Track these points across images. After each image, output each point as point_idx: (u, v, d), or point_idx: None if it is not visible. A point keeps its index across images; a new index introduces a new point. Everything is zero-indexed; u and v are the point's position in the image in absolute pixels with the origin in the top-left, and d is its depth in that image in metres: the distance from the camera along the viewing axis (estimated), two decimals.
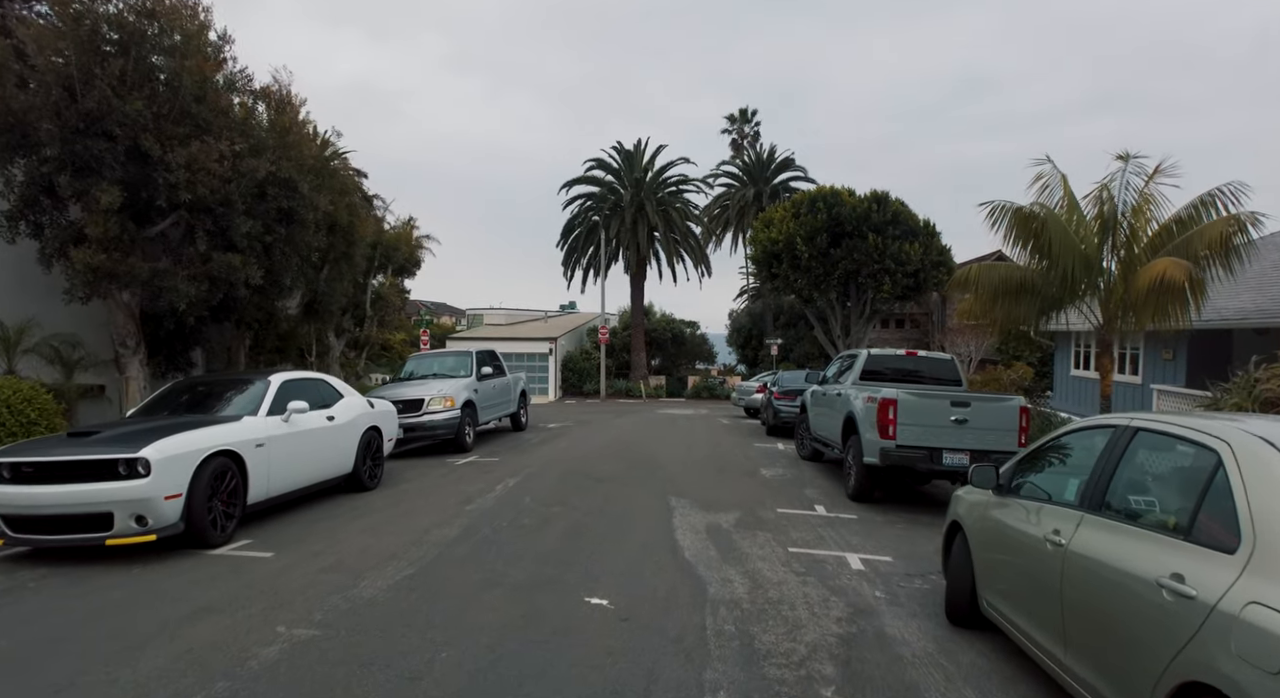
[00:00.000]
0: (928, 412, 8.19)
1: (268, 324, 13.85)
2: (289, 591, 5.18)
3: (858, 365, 9.91)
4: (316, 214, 12.58)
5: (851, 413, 9.07)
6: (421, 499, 8.63)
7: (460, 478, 10.09)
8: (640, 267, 34.20)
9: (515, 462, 11.51)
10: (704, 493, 9.01)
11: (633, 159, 33.86)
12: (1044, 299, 9.77)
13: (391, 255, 19.46)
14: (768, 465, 11.50)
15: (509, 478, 9.88)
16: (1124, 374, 14.61)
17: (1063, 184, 9.51)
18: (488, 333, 37.06)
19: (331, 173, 13.84)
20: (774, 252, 30.38)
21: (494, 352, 15.43)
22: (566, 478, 9.89)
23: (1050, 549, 3.62)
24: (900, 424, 8.16)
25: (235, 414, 7.44)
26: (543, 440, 14.44)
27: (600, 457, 12.15)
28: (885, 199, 30.47)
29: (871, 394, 8.56)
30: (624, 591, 5.19)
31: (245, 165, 10.84)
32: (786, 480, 10.15)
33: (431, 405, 12.40)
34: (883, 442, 8.22)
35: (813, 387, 11.97)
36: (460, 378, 13.50)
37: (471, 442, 12.99)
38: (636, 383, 34.00)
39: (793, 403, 15.04)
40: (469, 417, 12.96)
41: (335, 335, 20.14)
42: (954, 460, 8.20)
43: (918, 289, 31.62)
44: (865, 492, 8.80)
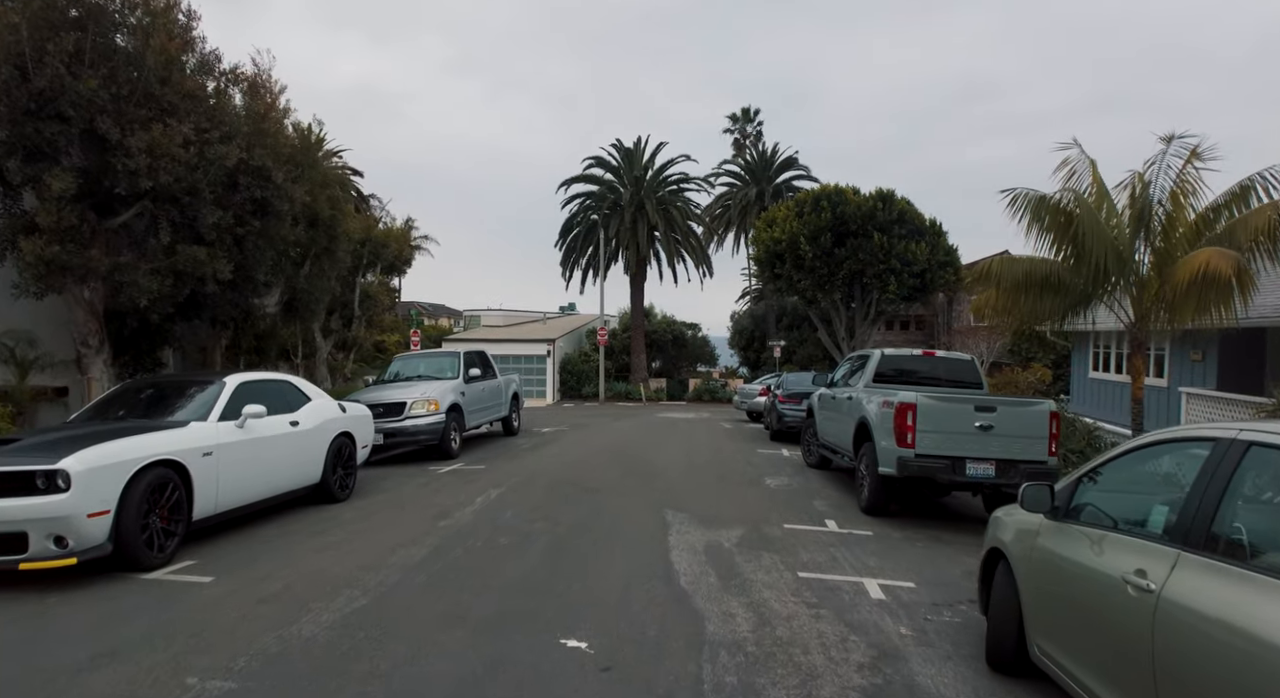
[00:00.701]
0: (950, 417, 7.44)
1: (244, 323, 13.13)
2: (217, 627, 4.43)
3: (870, 367, 9.15)
4: (293, 206, 11.86)
5: (865, 419, 8.32)
6: (394, 513, 7.88)
7: (440, 488, 9.34)
8: (640, 267, 33.47)
9: (502, 470, 10.76)
10: (704, 506, 8.25)
11: (632, 157, 33.15)
12: (1071, 294, 9.01)
13: (381, 253, 18.75)
14: (772, 474, 10.74)
15: (492, 489, 9.13)
16: (1148, 377, 13.83)
17: (1091, 170, 8.76)
18: (484, 334, 36.33)
19: (312, 163, 13.12)
20: (777, 251, 29.66)
21: (484, 353, 14.69)
22: (554, 488, 9.14)
23: (1134, 595, 2.86)
24: (920, 431, 7.40)
25: (182, 420, 6.70)
26: (534, 446, 13.69)
27: (593, 464, 11.40)
28: (890, 198, 29.75)
29: (887, 398, 7.81)
30: (607, 629, 4.43)
31: (214, 152, 10.11)
32: (793, 491, 9.39)
33: (414, 409, 11.66)
34: (900, 450, 7.46)
35: (820, 390, 11.22)
36: (446, 380, 12.75)
37: (458, 448, 12.24)
38: (636, 386, 33.24)
39: (798, 407, 14.28)
40: (455, 421, 12.22)
41: (322, 336, 19.43)
42: (978, 471, 7.44)
43: (924, 290, 30.90)
44: (880, 505, 8.04)
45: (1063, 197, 8.58)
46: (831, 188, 30.21)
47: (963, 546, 7.04)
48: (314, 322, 18.86)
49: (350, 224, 19.03)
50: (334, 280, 18.99)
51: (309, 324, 15.61)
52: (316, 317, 15.44)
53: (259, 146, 10.98)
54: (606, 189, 33.58)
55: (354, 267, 19.28)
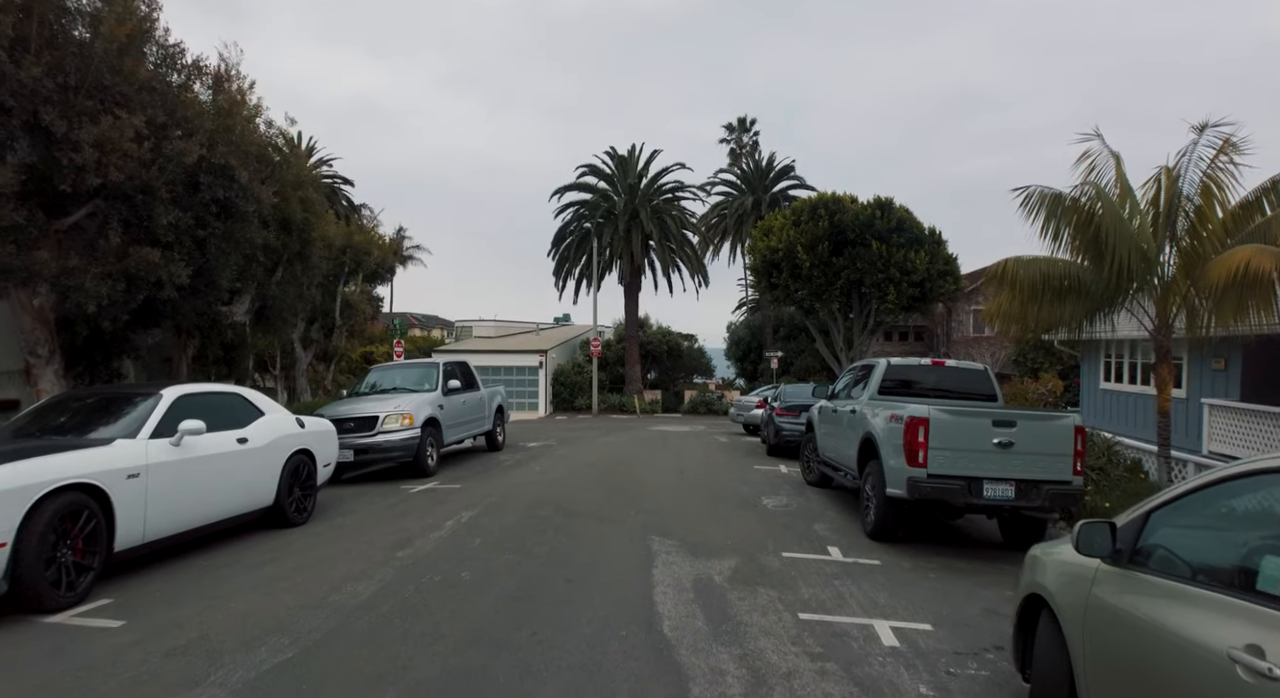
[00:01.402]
0: (965, 433, 6.73)
1: (211, 331, 12.40)
2: (100, 691, 3.69)
3: (875, 377, 8.44)
4: (261, 208, 11.18)
5: (870, 434, 7.60)
6: (351, 540, 7.13)
7: (408, 510, 8.59)
8: (634, 276, 32.81)
9: (479, 489, 10.01)
10: (694, 531, 7.51)
11: (626, 165, 32.59)
12: (1091, 298, 8.33)
13: (363, 260, 18.05)
14: (770, 493, 10.00)
15: (464, 511, 8.38)
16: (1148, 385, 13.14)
17: (1115, 165, 8.12)
18: (476, 345, 35.60)
19: (284, 164, 12.45)
20: (774, 261, 29.03)
21: (465, 364, 13.96)
22: (532, 511, 8.39)
23: (1247, 680, 2.15)
24: (932, 449, 6.68)
25: (106, 437, 5.96)
26: (517, 463, 12.94)
27: (578, 483, 10.65)
28: (889, 205, 29.18)
29: (896, 412, 7.10)
30: (573, 693, 3.69)
31: (171, 148, 9.45)
32: (792, 513, 8.65)
33: (387, 424, 10.92)
34: (911, 470, 6.74)
35: (820, 402, 10.51)
36: (423, 392, 12.01)
37: (434, 465, 11.48)
38: (630, 397, 32.49)
39: (797, 420, 13.56)
40: (431, 436, 11.47)
41: (302, 346, 18.69)
42: (997, 492, 6.72)
43: (924, 299, 30.26)
44: (887, 530, 7.31)
45: (1083, 192, 7.92)
46: (829, 196, 29.62)
47: (979, 576, 6.32)
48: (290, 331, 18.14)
49: (329, 230, 18.35)
50: (313, 288, 18.30)
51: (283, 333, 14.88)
52: (289, 325, 14.72)
53: (222, 144, 10.32)
54: (600, 197, 32.99)
55: (335, 274, 18.58)
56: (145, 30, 9.78)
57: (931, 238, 29.46)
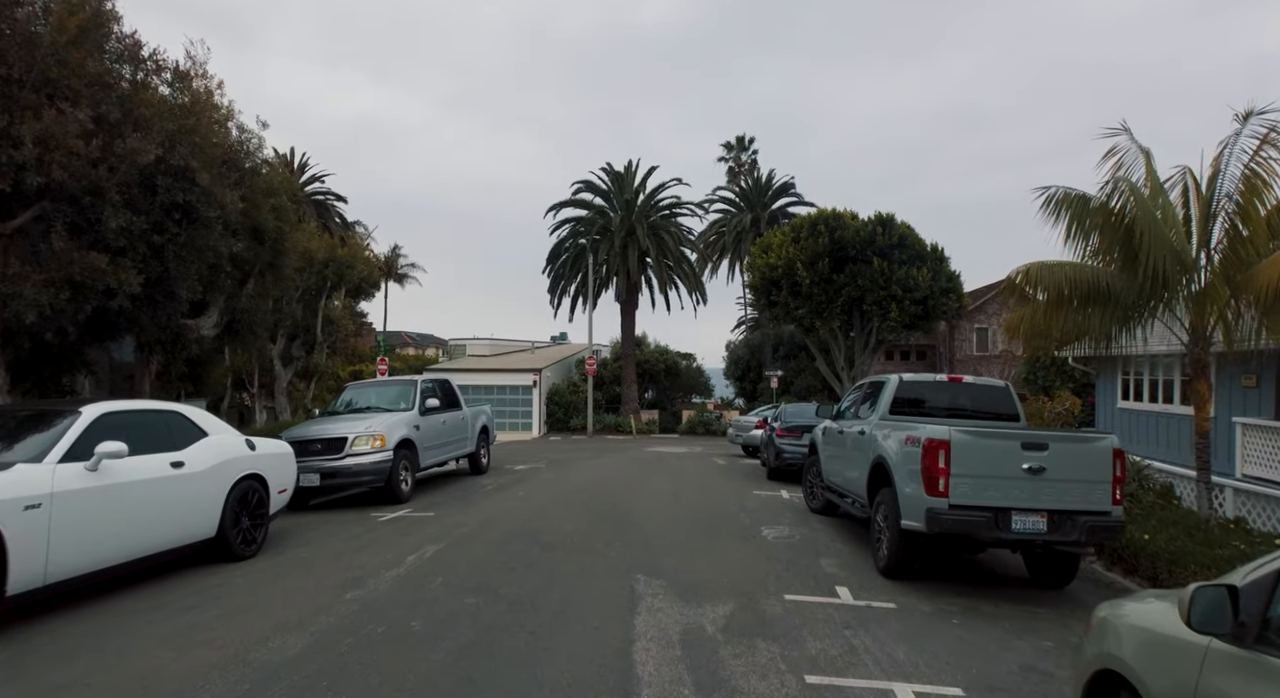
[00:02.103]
0: (991, 457, 5.95)
1: (174, 347, 11.64)
2: None
3: (885, 395, 7.66)
4: (226, 214, 10.47)
5: (882, 459, 6.81)
6: (298, 577, 6.32)
7: (371, 542, 7.77)
8: (631, 294, 32.14)
9: (453, 518, 9.19)
10: (686, 567, 6.69)
11: (623, 180, 32.08)
12: (1120, 307, 7.60)
13: (346, 275, 17.36)
14: (770, 521, 9.18)
15: (431, 544, 7.56)
16: (1186, 405, 12.36)
17: (1144, 162, 7.42)
18: (469, 364, 34.84)
19: (255, 169, 11.78)
20: (773, 278, 28.40)
21: (447, 381, 13.18)
22: (507, 543, 7.57)
23: None
24: (954, 475, 5.90)
25: (6, 461, 5.18)
26: (500, 487, 12.10)
27: (562, 510, 9.82)
28: (891, 222, 28.62)
29: (911, 434, 6.32)
30: None
31: (124, 147, 8.76)
32: (795, 545, 7.83)
33: (356, 446, 10.12)
34: (930, 500, 5.94)
35: (825, 422, 9.73)
36: (398, 412, 11.22)
37: (408, 490, 10.66)
38: (626, 418, 31.65)
39: (799, 442, 12.75)
40: (406, 459, 10.66)
41: (282, 363, 17.92)
42: (1027, 525, 5.93)
43: (926, 317, 29.59)
44: (902, 566, 6.50)
45: (1113, 190, 7.21)
46: (829, 212, 29.08)
47: (1010, 622, 5.51)
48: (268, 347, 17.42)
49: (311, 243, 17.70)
50: (294, 303, 17.62)
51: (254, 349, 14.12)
52: (261, 340, 13.97)
53: (183, 145, 9.64)
54: (596, 214, 32.44)
55: (317, 289, 17.88)
56: (99, 23, 9.15)
57: (934, 255, 28.88)
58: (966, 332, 40.00)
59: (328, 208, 38.35)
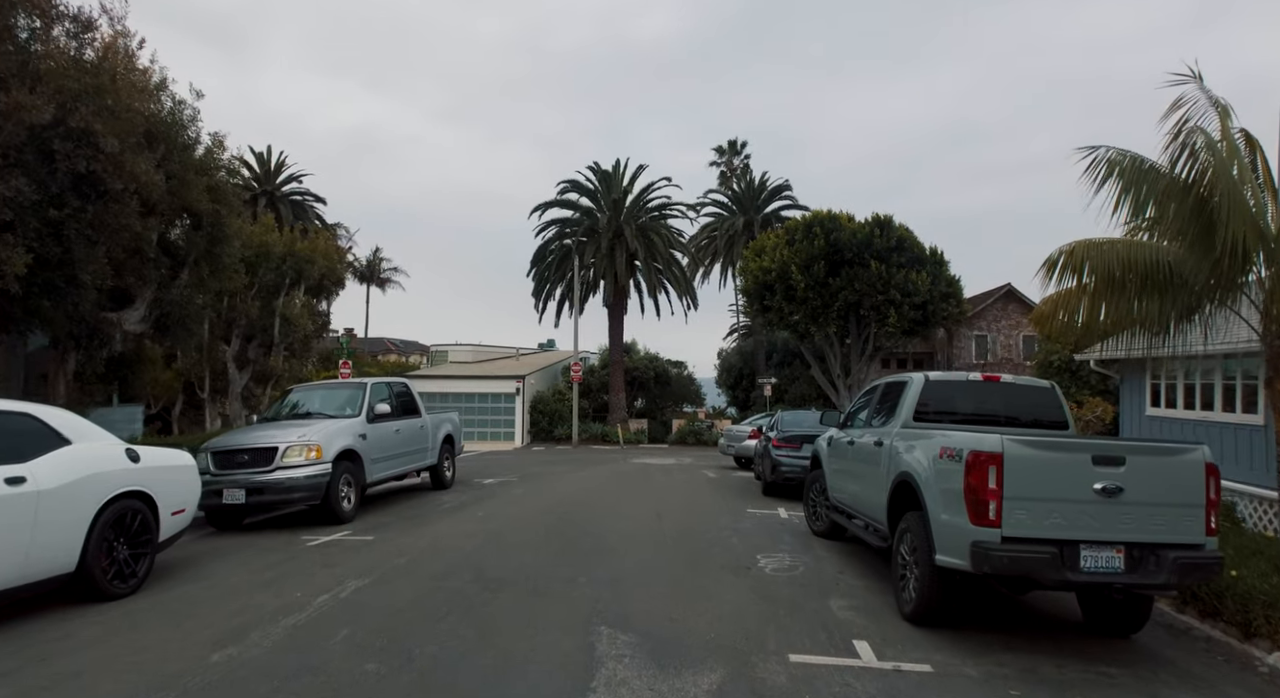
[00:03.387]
0: (1056, 475, 4.64)
1: (91, 342, 10.23)
2: None
3: (908, 398, 6.34)
4: (143, 189, 9.12)
5: (908, 476, 5.50)
6: (164, 627, 4.93)
7: (284, 575, 6.38)
8: (619, 297, 30.83)
9: (394, 543, 7.80)
10: (664, 614, 5.33)
11: (610, 180, 30.84)
12: (1189, 291, 6.34)
13: (304, 270, 16.00)
14: (767, 547, 7.83)
15: (355, 579, 6.17)
16: (1230, 412, 11.13)
17: (1219, 120, 6.18)
18: (450, 371, 33.44)
19: (188, 146, 10.43)
20: (766, 282, 27.18)
21: (405, 385, 11.80)
22: (447, 579, 6.19)
23: None
24: (1010, 499, 4.58)
25: None
26: (460, 505, 10.70)
27: (524, 534, 8.45)
28: (889, 224, 27.47)
29: (949, 444, 5.01)
30: None
31: (5, 101, 7.42)
32: (798, 580, 6.48)
33: (288, 457, 8.73)
34: (977, 530, 4.62)
35: (829, 431, 8.41)
36: (342, 419, 9.84)
37: (352, 508, 9.27)
38: (613, 427, 30.24)
39: (798, 454, 11.44)
40: (348, 473, 9.28)
41: (237, 366, 16.50)
42: (1100, 562, 4.62)
43: (926, 323, 28.41)
44: (935, 611, 5.17)
45: (1182, 148, 5.96)
46: (824, 213, 27.91)
47: (1083, 690, 4.19)
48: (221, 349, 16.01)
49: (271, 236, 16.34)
50: (251, 300, 16.23)
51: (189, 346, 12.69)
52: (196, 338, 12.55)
53: (87, 106, 8.29)
54: (583, 214, 31.19)
55: (275, 286, 16.49)
56: None
57: (933, 258, 27.76)
58: (965, 339, 38.89)
59: (305, 208, 36.95)
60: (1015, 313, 39.76)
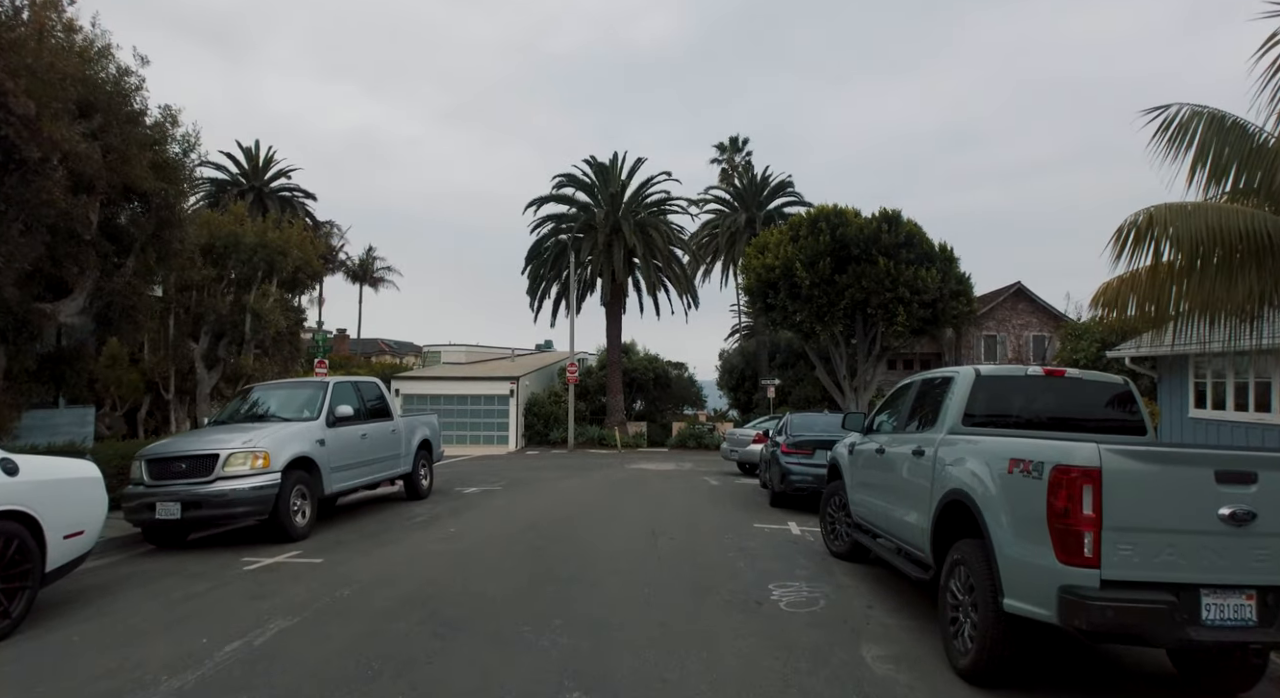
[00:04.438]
0: (1171, 497, 3.54)
1: (19, 335, 9.14)
2: None
3: (955, 397, 5.22)
4: (77, 162, 8.05)
5: (961, 495, 4.40)
6: (9, 692, 3.83)
7: (198, 611, 5.28)
8: (616, 296, 29.72)
9: (343, 568, 6.69)
10: (653, 674, 4.22)
11: (608, 174, 29.74)
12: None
13: (276, 262, 14.91)
14: (780, 573, 6.71)
15: (282, 617, 5.06)
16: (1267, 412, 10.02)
17: None
18: (442, 372, 32.33)
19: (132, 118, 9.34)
20: (770, 280, 26.06)
21: (375, 384, 10.69)
22: (391, 620, 5.08)
23: None
24: (1111, 529, 3.48)
25: None
26: (433, 518, 9.58)
27: (496, 557, 7.34)
28: (897, 219, 26.35)
29: (1022, 454, 3.90)
30: None
31: None
32: (820, 619, 5.35)
33: (230, 465, 7.63)
34: (1067, 571, 3.52)
35: (851, 436, 7.30)
36: (297, 422, 8.74)
37: (306, 523, 8.17)
38: (611, 430, 29.12)
39: (809, 461, 10.33)
40: (302, 484, 8.17)
41: (206, 366, 15.39)
42: (1226, 614, 3.52)
43: (935, 322, 27.29)
44: (1000, 668, 4.06)
45: None
46: (830, 208, 26.80)
47: None
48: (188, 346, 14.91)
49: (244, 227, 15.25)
50: (221, 295, 15.13)
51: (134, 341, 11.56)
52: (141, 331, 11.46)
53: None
54: (580, 209, 30.09)
55: (247, 280, 15.40)
56: None
57: (942, 255, 26.65)
58: (974, 339, 37.77)
59: (294, 205, 35.87)
60: (1025, 312, 38.64)
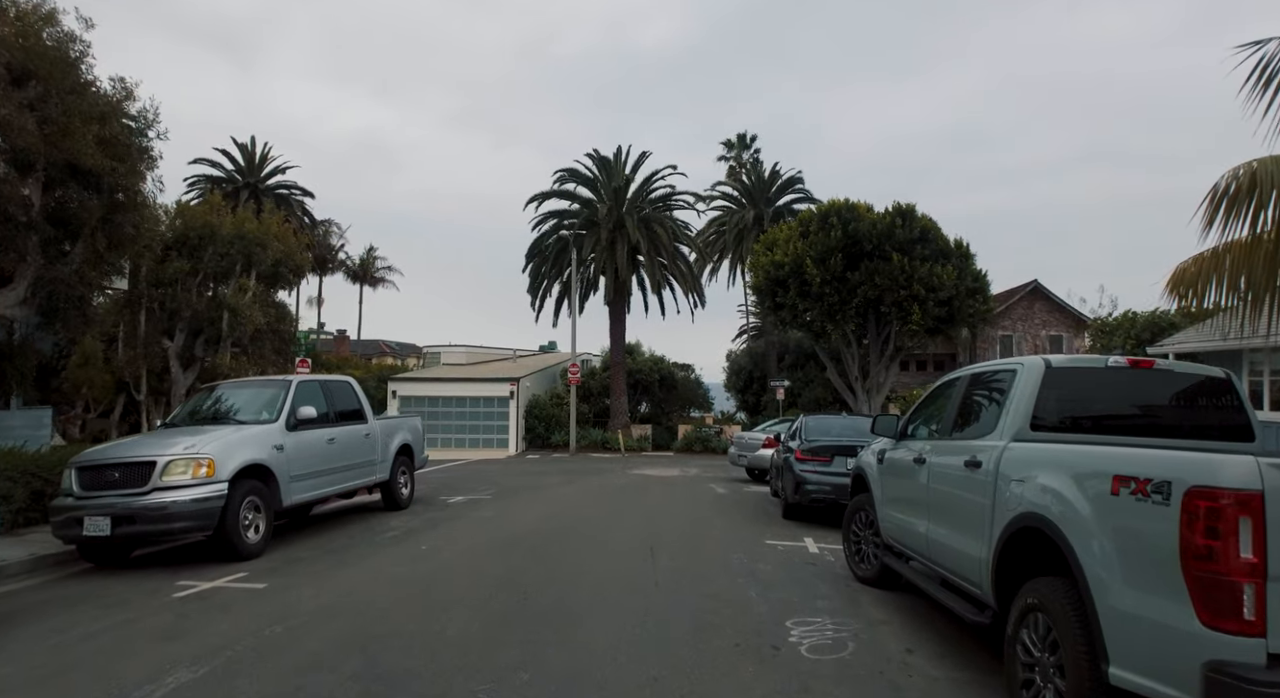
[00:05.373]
0: None
1: None
2: None
3: (1021, 395, 4.20)
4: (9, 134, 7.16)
5: (1039, 522, 3.39)
6: None
7: (93, 653, 4.34)
8: (619, 293, 28.74)
9: (284, 596, 5.73)
10: None
11: (611, 168, 28.79)
12: None
13: (254, 255, 14.01)
14: (799, 605, 5.70)
15: (187, 667, 4.11)
16: None
17: None
18: (441, 373, 31.42)
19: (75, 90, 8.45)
20: (778, 277, 25.02)
21: (348, 384, 9.73)
22: (314, 671, 4.11)
23: None
24: (1277, 579, 2.48)
25: None
26: (406, 533, 8.61)
27: (464, 582, 6.36)
28: (911, 213, 25.25)
29: (1138, 471, 2.90)
30: None
31: None
32: (850, 672, 4.34)
33: (169, 474, 6.70)
34: (1218, 636, 2.51)
35: (879, 442, 6.30)
36: (251, 426, 7.80)
37: (260, 539, 7.23)
38: (614, 433, 28.14)
39: (828, 469, 9.32)
40: (255, 494, 7.23)
41: (181, 365, 14.54)
42: None
43: (951, 320, 26.11)
44: None
45: None
46: (841, 202, 25.71)
47: None
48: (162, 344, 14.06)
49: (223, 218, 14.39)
50: (196, 289, 14.28)
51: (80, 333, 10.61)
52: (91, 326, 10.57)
53: None
54: (582, 205, 29.16)
55: (224, 274, 14.53)
56: None
57: (958, 251, 25.54)
58: (989, 339, 36.63)
59: (291, 203, 35.08)
60: (1043, 311, 37.47)
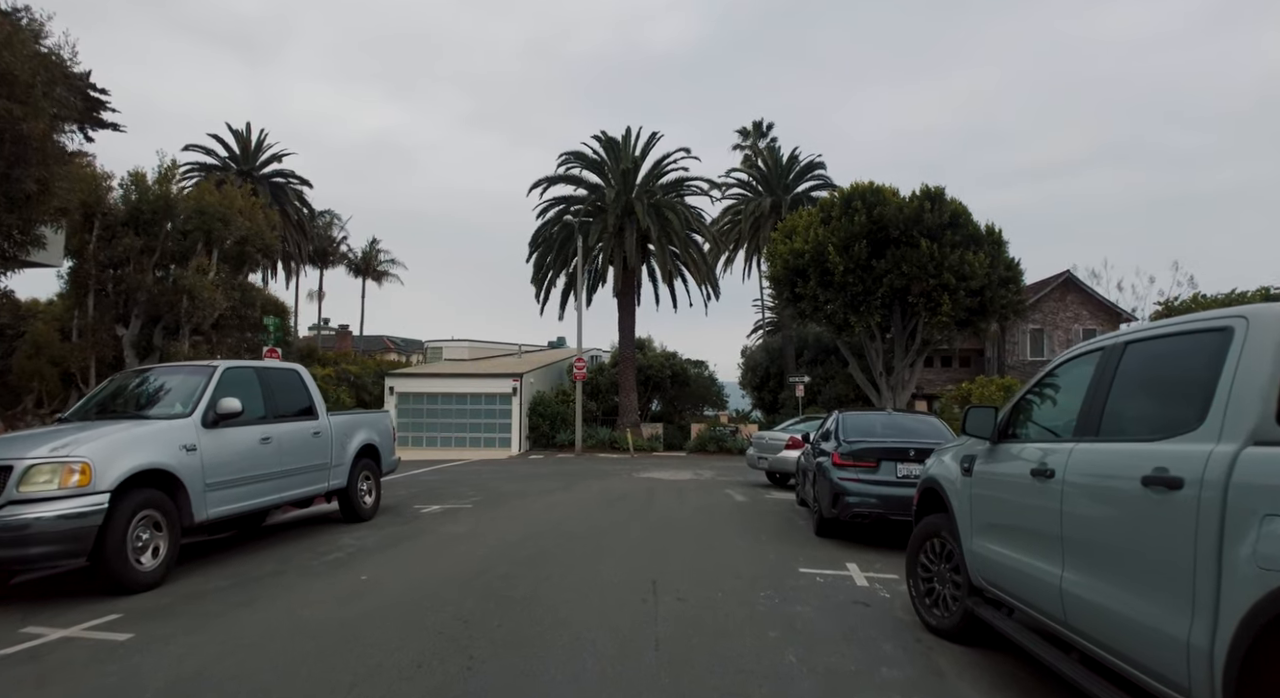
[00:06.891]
0: None
1: None
2: None
3: (1247, 371, 2.54)
4: None
5: None
6: None
7: None
8: (629, 284, 27.14)
9: (146, 659, 4.17)
10: None
11: (619, 150, 27.16)
12: None
13: (214, 231, 12.53)
14: (855, 681, 4.06)
15: None
16: None
17: None
18: (442, 369, 30.00)
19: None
20: (798, 267, 23.31)
21: (296, 373, 8.17)
22: None
23: None
24: None
25: None
26: (352, 555, 7.02)
27: (396, 638, 4.77)
28: (940, 197, 23.41)
29: None
30: None
31: None
32: None
33: (29, 483, 5.17)
34: None
35: (959, 444, 4.66)
36: (157, 422, 6.26)
37: (160, 565, 5.69)
38: (622, 432, 26.53)
39: (873, 476, 7.64)
40: (153, 507, 5.69)
41: (137, 354, 13.11)
42: None
43: (982, 312, 24.21)
44: None
45: None
46: (866, 185, 23.94)
47: None
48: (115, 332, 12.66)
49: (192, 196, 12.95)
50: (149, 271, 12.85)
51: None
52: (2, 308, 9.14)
53: None
54: (590, 190, 27.58)
55: (184, 253, 13.08)
56: None
57: (990, 237, 23.67)
58: (1019, 333, 34.68)
59: (287, 191, 33.79)
60: (1075, 304, 35.43)
